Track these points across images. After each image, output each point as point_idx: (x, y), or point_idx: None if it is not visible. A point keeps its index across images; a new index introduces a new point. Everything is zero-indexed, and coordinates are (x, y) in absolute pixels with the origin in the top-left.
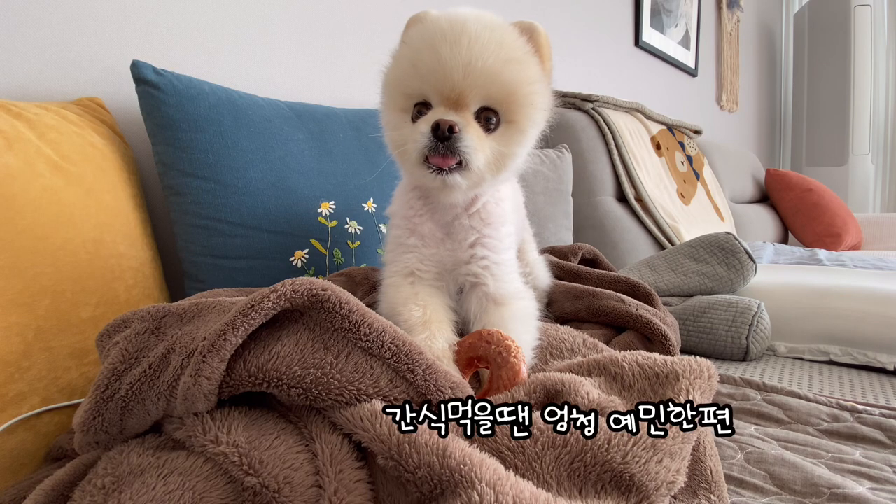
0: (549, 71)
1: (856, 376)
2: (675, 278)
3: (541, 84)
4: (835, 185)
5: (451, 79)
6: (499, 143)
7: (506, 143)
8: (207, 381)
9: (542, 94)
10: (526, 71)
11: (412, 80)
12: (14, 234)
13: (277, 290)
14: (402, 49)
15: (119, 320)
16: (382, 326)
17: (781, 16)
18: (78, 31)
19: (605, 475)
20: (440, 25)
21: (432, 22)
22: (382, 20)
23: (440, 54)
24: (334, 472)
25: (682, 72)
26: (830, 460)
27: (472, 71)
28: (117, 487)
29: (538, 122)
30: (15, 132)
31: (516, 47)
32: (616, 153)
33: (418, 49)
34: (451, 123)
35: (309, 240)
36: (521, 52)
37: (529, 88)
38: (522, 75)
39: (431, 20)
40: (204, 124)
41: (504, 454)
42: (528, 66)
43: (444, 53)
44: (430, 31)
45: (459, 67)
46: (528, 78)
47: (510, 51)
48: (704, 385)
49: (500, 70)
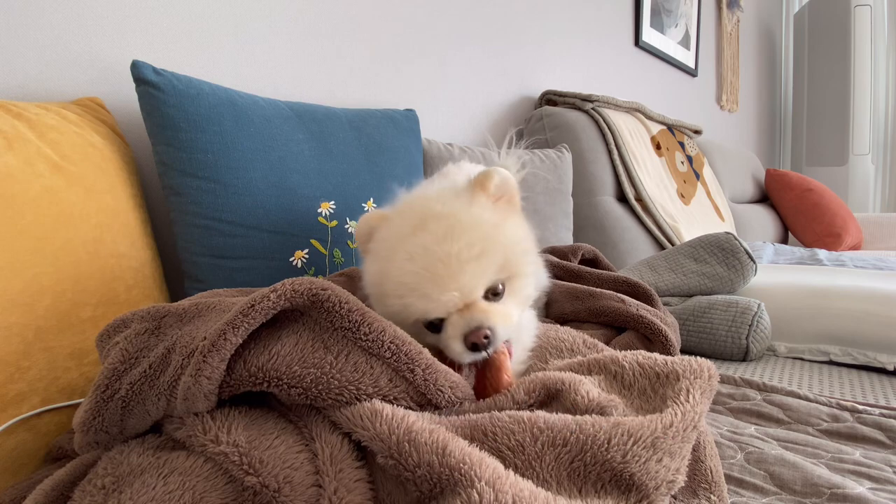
0: (518, 202)
1: (856, 376)
2: (675, 278)
3: (523, 230)
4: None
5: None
6: (512, 299)
7: (517, 292)
8: (208, 380)
9: (528, 238)
10: (509, 237)
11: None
12: (14, 234)
13: (277, 290)
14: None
15: (119, 320)
16: (382, 326)
17: (781, 16)
18: (78, 31)
19: (605, 474)
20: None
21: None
22: (382, 20)
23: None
24: (334, 471)
25: (682, 72)
26: (830, 460)
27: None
28: (117, 487)
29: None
30: (15, 132)
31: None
32: (616, 153)
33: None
34: (486, 334)
35: (309, 240)
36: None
37: (518, 248)
38: (510, 247)
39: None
40: (204, 124)
41: (504, 453)
42: (507, 230)
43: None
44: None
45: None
46: (513, 240)
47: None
48: (705, 385)
49: (491, 261)
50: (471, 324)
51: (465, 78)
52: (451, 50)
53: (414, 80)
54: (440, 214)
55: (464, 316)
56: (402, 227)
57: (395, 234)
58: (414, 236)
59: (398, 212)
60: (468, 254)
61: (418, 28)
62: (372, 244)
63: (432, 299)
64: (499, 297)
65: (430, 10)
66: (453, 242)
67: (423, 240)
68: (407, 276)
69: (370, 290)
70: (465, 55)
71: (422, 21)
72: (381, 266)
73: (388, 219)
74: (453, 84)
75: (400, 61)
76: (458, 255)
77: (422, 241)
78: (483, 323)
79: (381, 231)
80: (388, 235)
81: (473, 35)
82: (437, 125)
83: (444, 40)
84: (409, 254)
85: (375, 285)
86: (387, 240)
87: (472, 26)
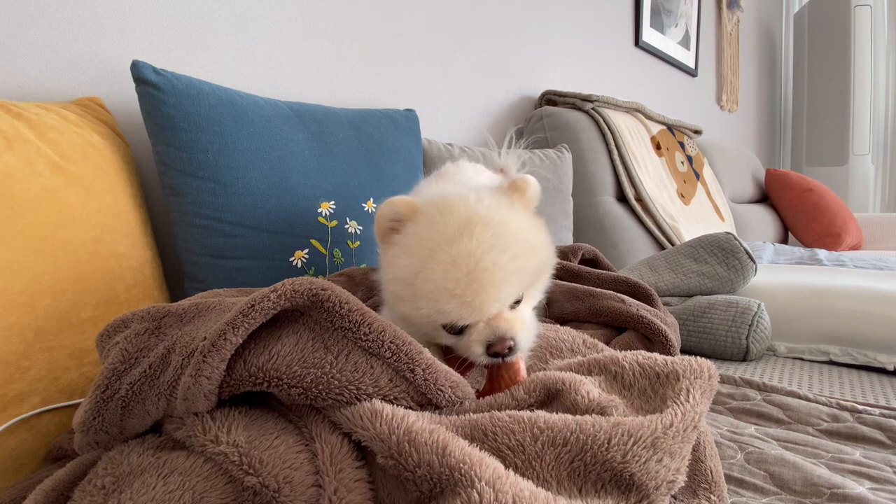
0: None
1: (856, 376)
2: (675, 278)
3: (542, 234)
4: (835, 185)
5: (493, 312)
6: (528, 304)
7: (532, 297)
8: (208, 380)
9: (548, 245)
10: (542, 248)
11: (449, 317)
12: (14, 234)
13: (278, 290)
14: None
15: (119, 320)
16: (382, 326)
17: (781, 16)
18: (78, 31)
19: (606, 474)
20: (457, 258)
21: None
22: (382, 20)
23: (478, 296)
24: (334, 471)
25: (682, 72)
26: (830, 460)
27: (511, 295)
28: (117, 487)
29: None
30: (15, 132)
31: (530, 237)
32: (616, 153)
33: (451, 290)
34: (509, 345)
35: (309, 240)
36: (534, 239)
37: (548, 261)
38: (542, 259)
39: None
40: (204, 124)
41: (504, 453)
42: (540, 240)
43: (483, 295)
44: (442, 264)
45: (500, 299)
46: (545, 252)
47: (529, 247)
48: (705, 385)
49: (528, 273)
50: (496, 333)
51: (465, 78)
52: (451, 50)
53: (414, 80)
54: (487, 221)
55: (490, 324)
56: (443, 227)
57: (435, 232)
58: (459, 240)
59: (435, 208)
60: (512, 266)
61: (418, 28)
62: (402, 237)
63: (473, 308)
64: (519, 303)
65: (431, 10)
66: (500, 253)
67: (469, 246)
68: (450, 281)
69: (394, 285)
70: (465, 55)
71: (422, 21)
72: (416, 264)
73: (421, 212)
74: (453, 84)
75: (400, 61)
76: (504, 266)
77: (468, 248)
78: (507, 333)
79: (415, 226)
80: (427, 233)
81: (473, 35)
82: (437, 125)
83: (445, 40)
84: (454, 259)
85: (404, 282)
86: (425, 238)
87: (472, 26)
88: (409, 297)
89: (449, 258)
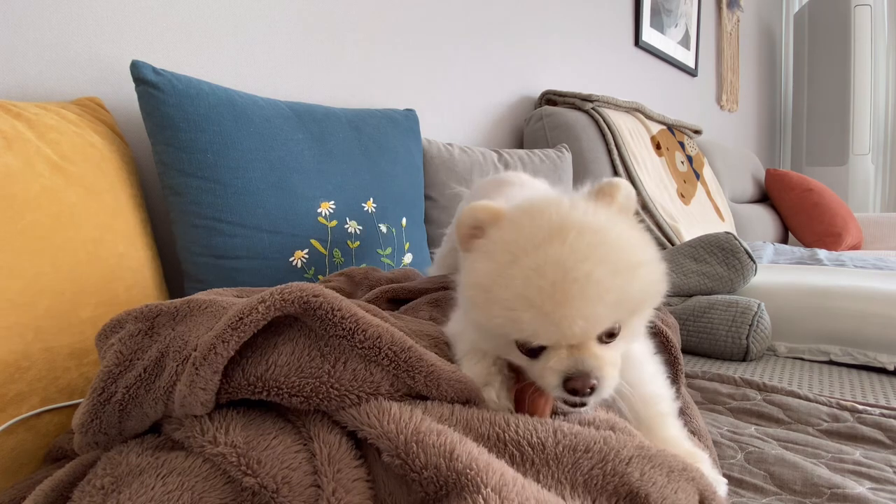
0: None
1: (856, 376)
2: (675, 278)
3: (651, 250)
4: (835, 185)
5: (574, 333)
6: (622, 343)
7: (630, 336)
8: (203, 391)
9: (658, 264)
10: (650, 268)
11: (522, 331)
12: (14, 234)
13: (266, 301)
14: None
15: (115, 320)
16: (378, 332)
17: (781, 16)
18: (77, 31)
19: (622, 488)
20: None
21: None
22: (382, 20)
23: (560, 310)
24: (332, 471)
25: (682, 72)
26: (830, 460)
27: (601, 317)
28: (116, 488)
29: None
30: (15, 132)
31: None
32: (616, 153)
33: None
34: (592, 384)
35: (309, 240)
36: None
37: (656, 286)
38: (649, 282)
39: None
40: (204, 124)
41: (523, 448)
42: (649, 256)
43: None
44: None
45: (588, 318)
46: (655, 274)
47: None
48: None
49: (628, 295)
50: (579, 367)
51: (465, 78)
52: (450, 50)
53: (414, 80)
54: (583, 226)
55: (573, 354)
56: (531, 230)
57: (521, 237)
58: (549, 245)
59: (523, 211)
60: (610, 282)
61: (418, 28)
62: (484, 242)
63: (552, 322)
64: (613, 338)
65: (430, 10)
66: (597, 264)
67: (558, 252)
68: (530, 289)
69: (471, 292)
70: (465, 55)
71: (422, 21)
72: (496, 269)
73: (505, 217)
74: (453, 84)
75: (400, 61)
76: (599, 281)
77: (557, 254)
78: (595, 371)
79: (500, 231)
80: (512, 238)
81: (473, 35)
82: (437, 125)
83: (444, 40)
84: (538, 265)
85: (482, 289)
86: (509, 242)
87: (472, 26)
88: (484, 305)
89: (533, 264)
